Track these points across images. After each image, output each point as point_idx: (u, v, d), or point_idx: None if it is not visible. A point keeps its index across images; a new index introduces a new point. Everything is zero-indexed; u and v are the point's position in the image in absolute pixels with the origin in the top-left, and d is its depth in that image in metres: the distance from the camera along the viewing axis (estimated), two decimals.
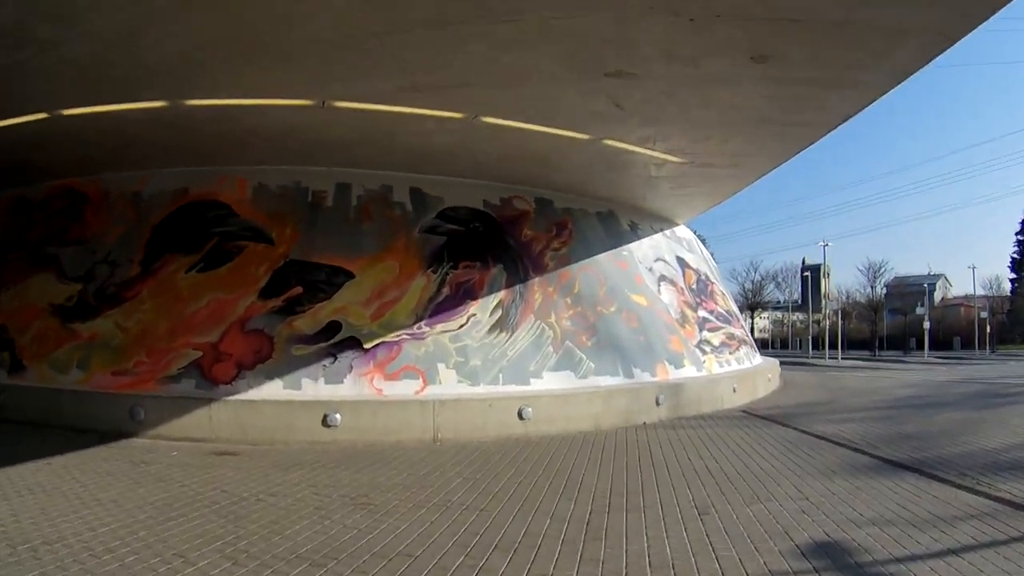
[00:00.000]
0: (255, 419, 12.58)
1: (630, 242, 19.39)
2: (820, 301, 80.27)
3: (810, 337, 70.94)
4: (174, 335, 14.05)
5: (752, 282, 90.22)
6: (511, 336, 15.09)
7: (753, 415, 16.26)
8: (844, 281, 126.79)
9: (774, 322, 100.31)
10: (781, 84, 10.92)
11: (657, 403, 15.35)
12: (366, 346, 13.97)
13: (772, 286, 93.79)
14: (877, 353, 70.25)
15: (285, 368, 13.58)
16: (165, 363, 13.74)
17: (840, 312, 70.64)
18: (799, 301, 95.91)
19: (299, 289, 14.33)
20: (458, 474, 10.03)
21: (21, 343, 15.23)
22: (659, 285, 19.46)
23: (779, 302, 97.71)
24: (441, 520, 7.63)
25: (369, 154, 14.73)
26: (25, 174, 16.73)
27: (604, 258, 17.91)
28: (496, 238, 16.22)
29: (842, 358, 54.69)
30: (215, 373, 13.54)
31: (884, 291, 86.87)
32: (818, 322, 77.93)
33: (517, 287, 15.77)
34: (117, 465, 10.47)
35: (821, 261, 72.96)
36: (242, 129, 13.18)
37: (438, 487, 9.23)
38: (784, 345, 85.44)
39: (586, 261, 17.34)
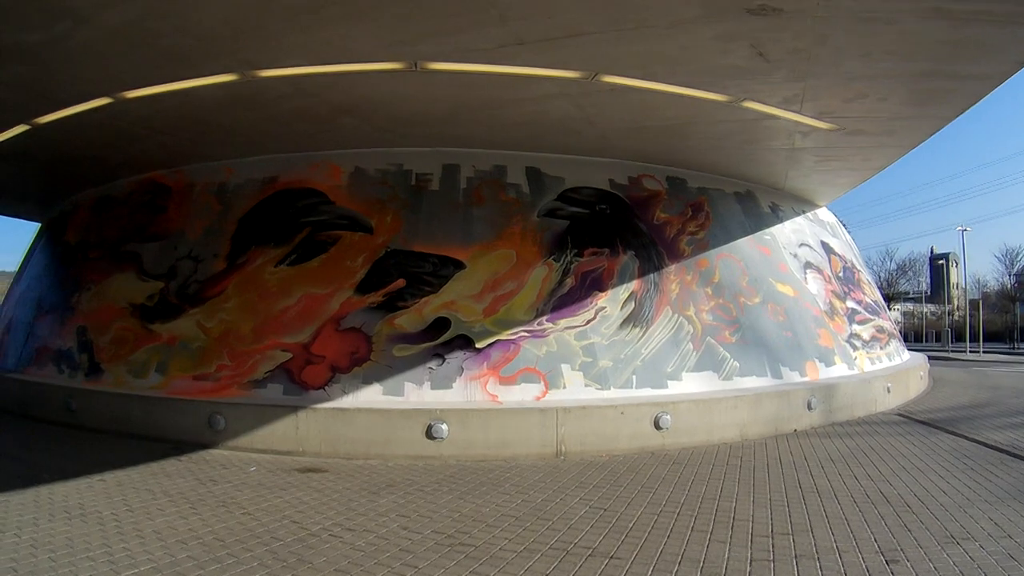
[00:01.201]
0: (348, 430, 11.02)
1: (771, 225, 17.28)
2: (951, 291, 76.48)
3: (949, 330, 67.17)
4: (260, 335, 12.69)
5: (887, 271, 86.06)
6: (645, 332, 13.14)
7: (912, 420, 14.32)
8: (979, 269, 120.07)
9: (905, 314, 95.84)
10: (954, 21, 8.77)
11: (809, 407, 13.34)
12: (478, 345, 12.22)
13: (904, 277, 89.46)
14: (1015, 346, 65.92)
15: (385, 371, 11.97)
16: (250, 366, 12.44)
17: (979, 303, 66.77)
18: (928, 292, 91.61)
19: (401, 282, 12.69)
20: (583, 501, 8.34)
21: (100, 345, 14.32)
22: (805, 273, 17.28)
23: (908, 293, 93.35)
24: (557, 574, 5.98)
25: (478, 131, 13.07)
26: (109, 170, 15.99)
27: (745, 243, 15.86)
28: (625, 221, 14.22)
29: (983, 351, 51.19)
30: (305, 377, 12.10)
31: (1013, 280, 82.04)
32: (951, 314, 74.18)
33: (651, 276, 13.81)
34: (180, 483, 9.27)
35: (950, 250, 69.33)
36: (328, 106, 11.73)
37: (557, 520, 7.55)
38: (917, 338, 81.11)
39: (725, 247, 15.31)
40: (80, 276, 15.97)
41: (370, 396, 11.74)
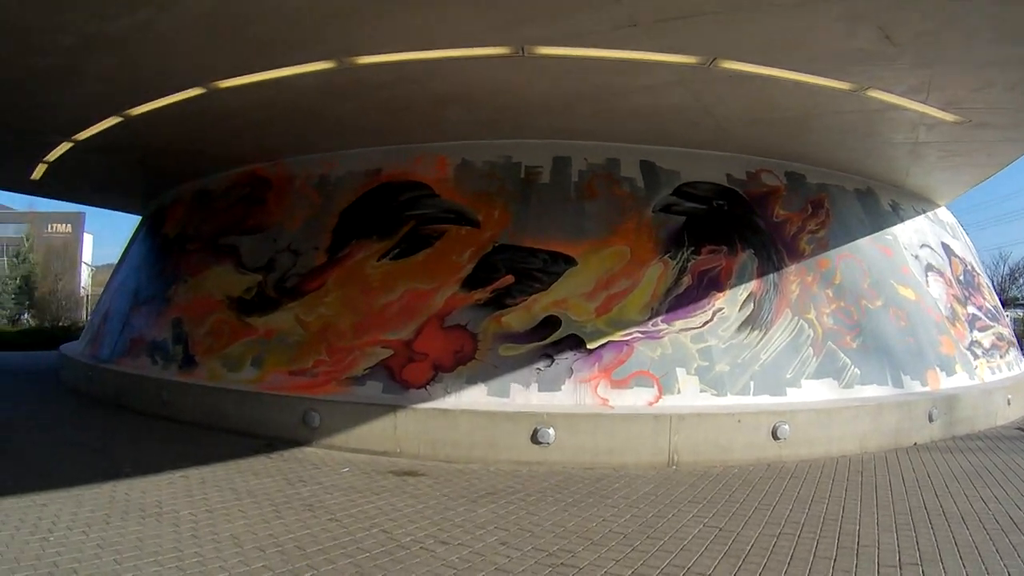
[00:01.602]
0: (449, 432, 10.54)
1: (892, 225, 16.23)
2: None
3: None
4: (361, 331, 12.27)
5: (1000, 276, 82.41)
6: (764, 335, 12.33)
7: None
8: None
9: (1015, 320, 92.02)
10: None
11: (930, 419, 12.44)
12: (590, 346, 11.55)
13: (1015, 283, 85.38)
14: None
15: (491, 371, 11.43)
16: (349, 363, 12.02)
17: None
18: None
19: (510, 278, 12.09)
20: (696, 519, 7.69)
21: (195, 337, 14.13)
22: (926, 276, 16.24)
23: (1019, 299, 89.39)
24: None
25: (591, 122, 12.38)
26: (208, 163, 15.92)
27: (866, 243, 14.88)
28: (743, 218, 13.39)
29: None
30: (406, 375, 11.64)
31: None
32: None
33: (770, 276, 12.97)
34: (267, 483, 8.94)
35: None
36: (431, 95, 11.16)
37: (669, 540, 6.95)
38: None
39: (847, 246, 14.37)
40: (177, 268, 15.85)
41: (474, 397, 11.22)
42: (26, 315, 47.22)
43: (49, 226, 71.43)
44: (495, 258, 12.27)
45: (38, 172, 17.10)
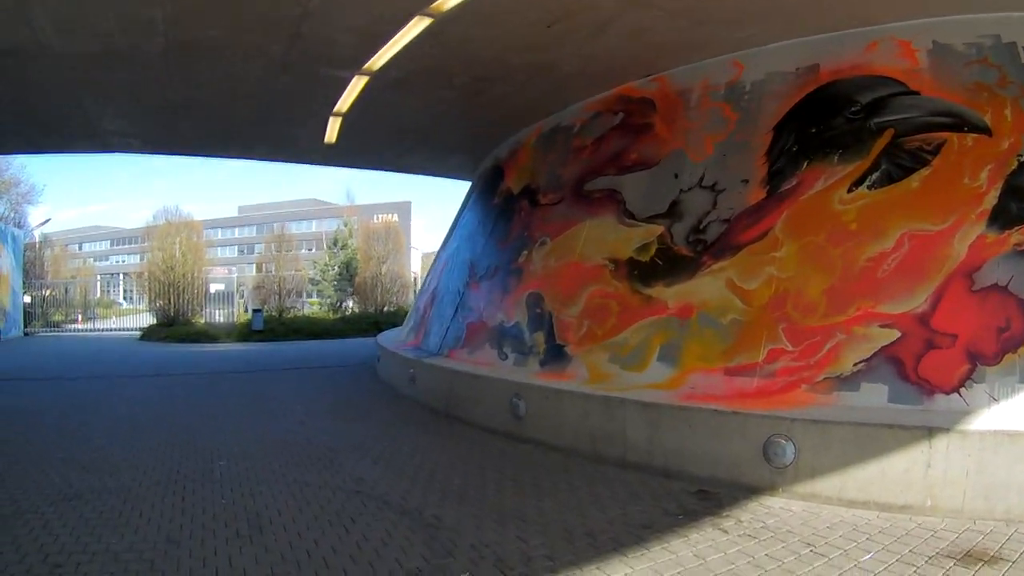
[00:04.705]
0: (1007, 470, 6.48)
1: None
2: None
3: None
4: (841, 301, 8.54)
5: None
6: None
7: None
8: None
9: None
10: None
11: None
12: None
13: None
14: None
15: None
16: (827, 354, 8.29)
17: None
18: None
19: None
20: None
21: (563, 319, 10.89)
22: None
23: None
24: None
25: None
26: (559, 89, 12.65)
27: None
28: None
29: None
30: (926, 372, 7.68)
31: None
32: None
33: None
34: None
35: None
36: None
37: None
38: None
39: None
40: (527, 228, 12.74)
41: None
42: (350, 301, 47.12)
43: (376, 217, 71.09)
44: None
45: (331, 131, 14.21)
